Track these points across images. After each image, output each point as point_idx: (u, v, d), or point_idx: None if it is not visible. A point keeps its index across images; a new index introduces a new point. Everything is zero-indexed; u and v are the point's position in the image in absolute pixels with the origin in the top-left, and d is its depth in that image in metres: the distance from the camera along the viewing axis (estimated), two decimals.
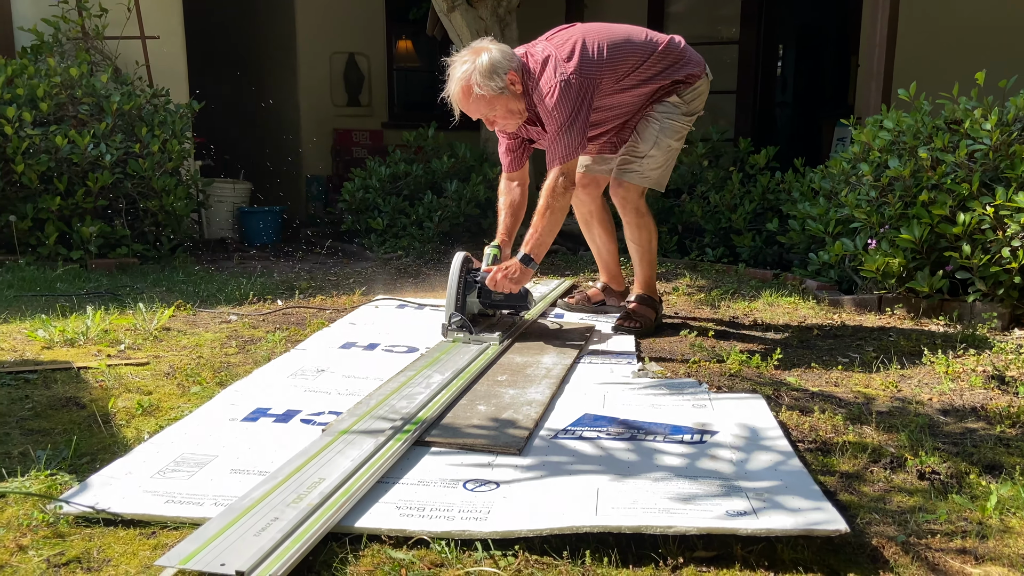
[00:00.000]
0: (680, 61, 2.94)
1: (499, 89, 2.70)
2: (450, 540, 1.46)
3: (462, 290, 2.83)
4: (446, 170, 5.27)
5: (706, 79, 3.02)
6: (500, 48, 2.77)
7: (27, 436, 1.95)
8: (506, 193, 3.10)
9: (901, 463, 1.82)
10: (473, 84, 2.69)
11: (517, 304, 2.94)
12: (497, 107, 2.75)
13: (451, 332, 2.79)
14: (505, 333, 2.81)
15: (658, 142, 2.97)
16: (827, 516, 1.44)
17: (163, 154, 4.66)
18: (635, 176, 3.04)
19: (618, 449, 1.85)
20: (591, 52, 2.77)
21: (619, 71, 2.82)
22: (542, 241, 2.81)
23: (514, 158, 3.08)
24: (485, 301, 2.92)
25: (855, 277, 3.94)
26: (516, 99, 2.77)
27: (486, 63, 2.69)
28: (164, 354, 2.69)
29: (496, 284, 2.79)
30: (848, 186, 4.11)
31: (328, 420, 2.03)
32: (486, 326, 2.89)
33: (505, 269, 2.78)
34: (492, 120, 2.82)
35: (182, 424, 1.99)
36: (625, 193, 3.05)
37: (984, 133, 3.45)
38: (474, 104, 2.74)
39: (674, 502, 1.53)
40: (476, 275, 2.89)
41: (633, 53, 2.85)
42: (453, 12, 5.53)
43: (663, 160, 3.03)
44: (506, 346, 2.74)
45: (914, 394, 2.38)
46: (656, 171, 3.05)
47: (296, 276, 4.34)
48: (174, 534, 1.50)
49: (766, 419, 2.04)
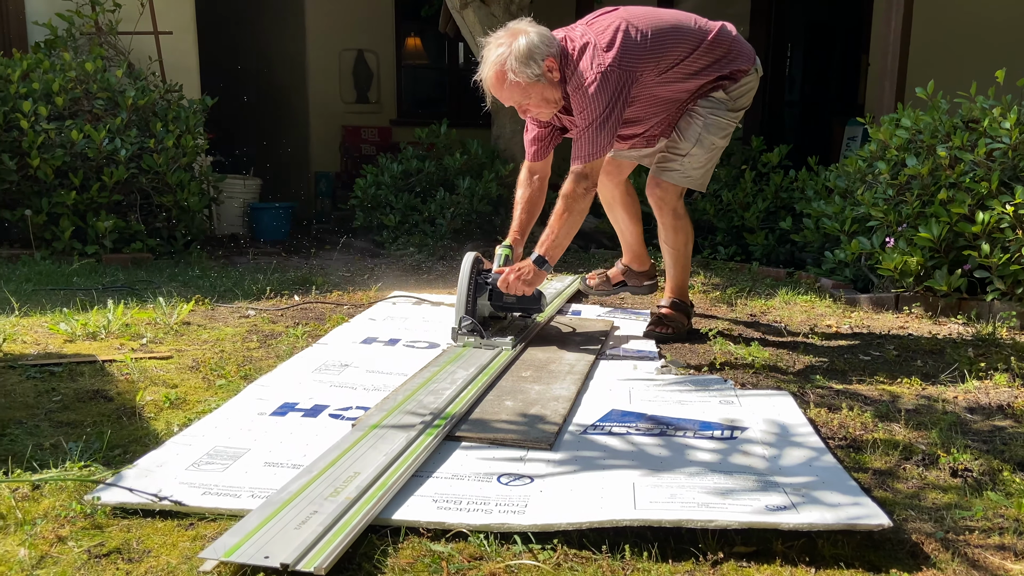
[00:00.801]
0: (730, 54, 2.72)
1: (535, 76, 2.51)
2: (488, 533, 1.46)
3: (472, 292, 2.70)
4: (458, 167, 5.27)
5: (755, 73, 2.80)
6: (539, 31, 2.57)
7: (57, 428, 1.95)
8: (524, 185, 2.93)
9: (934, 460, 1.82)
10: (508, 70, 2.51)
11: (530, 307, 2.78)
12: (532, 95, 2.57)
13: (461, 336, 2.67)
14: (517, 337, 2.70)
15: (701, 140, 2.77)
16: (867, 511, 1.44)
17: (177, 149, 4.66)
18: (676, 176, 2.84)
19: (649, 444, 1.85)
20: (634, 40, 2.56)
21: (663, 63, 2.61)
22: (558, 243, 2.69)
23: (539, 148, 2.89)
24: (496, 304, 2.76)
25: (871, 276, 3.94)
26: (553, 87, 2.57)
27: (523, 47, 2.50)
28: (186, 348, 2.69)
29: (508, 286, 2.66)
30: (864, 184, 4.10)
31: (356, 415, 2.03)
32: (497, 329, 2.78)
33: (518, 271, 2.65)
34: (525, 108, 2.65)
35: (212, 418, 2.00)
36: (663, 194, 2.86)
37: (1003, 132, 3.45)
38: (508, 91, 2.57)
39: (712, 496, 1.53)
40: (487, 276, 2.75)
41: (680, 43, 2.63)
42: (466, 9, 5.53)
43: (706, 159, 2.83)
44: (519, 351, 2.63)
45: (939, 392, 2.38)
46: (699, 171, 2.85)
47: (310, 272, 4.34)
48: (212, 525, 1.50)
49: (795, 416, 2.04)
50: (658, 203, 2.90)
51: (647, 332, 2.97)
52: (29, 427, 1.95)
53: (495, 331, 2.74)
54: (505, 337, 2.66)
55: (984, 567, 1.37)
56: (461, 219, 5.11)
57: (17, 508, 1.53)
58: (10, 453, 1.79)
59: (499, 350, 2.58)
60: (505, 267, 2.72)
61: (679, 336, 2.96)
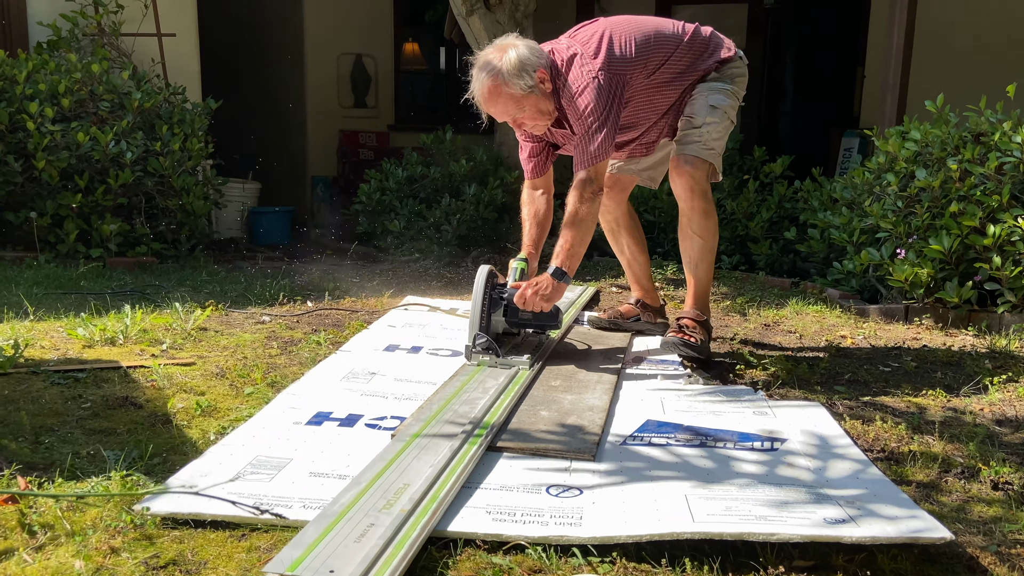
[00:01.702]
0: (708, 48, 2.73)
1: (528, 88, 2.49)
2: (547, 545, 1.45)
3: (487, 308, 2.58)
4: (464, 173, 5.26)
5: (740, 60, 2.79)
6: (527, 44, 2.55)
7: (90, 436, 1.93)
8: (530, 203, 2.86)
9: (974, 473, 1.84)
10: (501, 83, 2.49)
11: (547, 323, 2.65)
12: (526, 107, 2.54)
13: (475, 355, 2.54)
14: (533, 354, 2.57)
15: (710, 109, 2.69)
16: (926, 524, 1.44)
17: (183, 152, 4.62)
18: (699, 148, 2.68)
19: (692, 456, 1.85)
20: (619, 47, 2.57)
21: (650, 66, 2.62)
22: (574, 252, 2.58)
23: (537, 164, 2.84)
24: (512, 320, 2.63)
25: (879, 286, 3.97)
26: (546, 99, 2.56)
27: (514, 60, 2.49)
28: (207, 354, 2.67)
29: (526, 302, 2.54)
30: (872, 196, 4.13)
31: (392, 425, 2.02)
32: (511, 347, 2.65)
33: (535, 285, 2.54)
34: (520, 122, 2.62)
35: (248, 427, 1.98)
36: (693, 171, 2.66)
37: (1015, 146, 3.49)
38: (502, 104, 2.54)
39: (768, 509, 1.53)
40: (502, 291, 2.63)
41: (662, 45, 2.65)
42: (471, 16, 5.54)
43: (723, 129, 2.72)
44: (538, 370, 2.51)
45: (964, 404, 2.40)
46: (718, 142, 2.72)
47: (320, 277, 4.32)
48: (264, 536, 1.49)
49: (832, 427, 2.05)
50: (689, 183, 2.68)
51: (665, 341, 2.74)
52: (62, 435, 1.92)
53: (509, 348, 2.62)
54: (521, 355, 2.53)
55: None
56: (467, 226, 5.10)
57: (64, 519, 1.51)
58: (47, 462, 1.76)
59: (516, 369, 2.46)
60: (521, 281, 2.63)
61: (701, 349, 2.70)
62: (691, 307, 2.81)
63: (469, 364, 2.52)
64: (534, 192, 2.86)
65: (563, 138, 2.73)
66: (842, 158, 7.25)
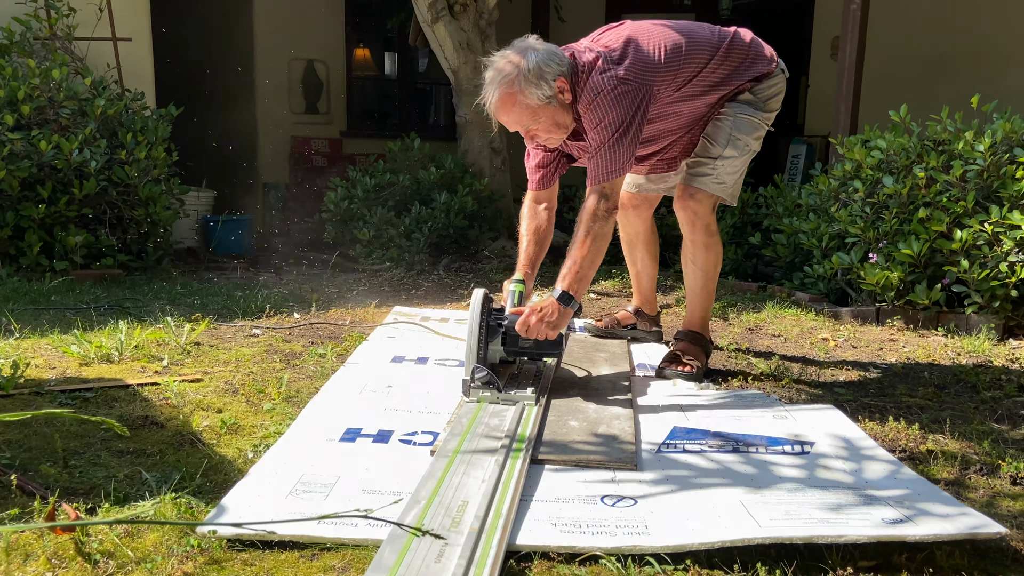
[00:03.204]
0: (746, 61, 2.53)
1: (546, 99, 2.32)
2: (619, 556, 1.48)
3: (484, 338, 2.34)
4: (433, 181, 5.25)
5: (781, 75, 2.62)
6: (548, 48, 2.36)
7: (119, 457, 1.87)
8: (531, 216, 2.67)
9: (993, 470, 1.93)
10: (517, 91, 2.30)
11: (550, 351, 2.42)
12: (542, 119, 2.37)
13: (474, 390, 2.27)
14: (537, 387, 2.32)
15: (733, 140, 2.55)
16: (979, 520, 1.52)
17: (149, 161, 4.49)
18: (709, 182, 2.59)
19: (731, 462, 1.90)
20: (648, 53, 2.38)
21: (680, 77, 2.43)
22: (583, 275, 2.36)
23: (545, 175, 2.66)
24: (511, 349, 2.40)
25: (848, 290, 4.13)
26: (564, 110, 2.38)
27: (533, 66, 2.29)
28: (212, 370, 2.60)
29: (529, 330, 2.30)
30: (838, 202, 4.29)
31: (425, 440, 2.01)
32: (508, 377, 2.42)
33: (540, 312, 2.30)
34: (533, 133, 2.43)
35: (283, 445, 1.94)
36: (696, 206, 2.60)
37: (978, 155, 3.67)
38: (516, 114, 2.36)
39: (825, 512, 1.58)
40: (500, 318, 2.40)
41: (696, 55, 2.45)
42: (436, 23, 5.54)
43: (740, 164, 2.60)
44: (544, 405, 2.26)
45: (959, 403, 2.52)
46: (732, 176, 2.61)
47: (296, 288, 4.25)
48: (335, 555, 1.47)
49: (853, 429, 2.13)
50: (691, 217, 2.63)
51: (660, 370, 2.68)
52: (90, 457, 1.86)
53: (507, 379, 2.39)
54: (525, 389, 2.28)
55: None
56: (438, 234, 5.09)
57: (123, 545, 1.46)
58: (84, 486, 1.71)
59: (520, 405, 2.22)
60: (520, 306, 2.42)
61: (695, 377, 2.62)
62: (687, 328, 2.79)
63: (468, 400, 2.27)
64: (536, 206, 2.68)
65: (579, 151, 2.57)
66: (790, 165, 7.49)
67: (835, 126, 5.42)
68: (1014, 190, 3.53)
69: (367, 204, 5.24)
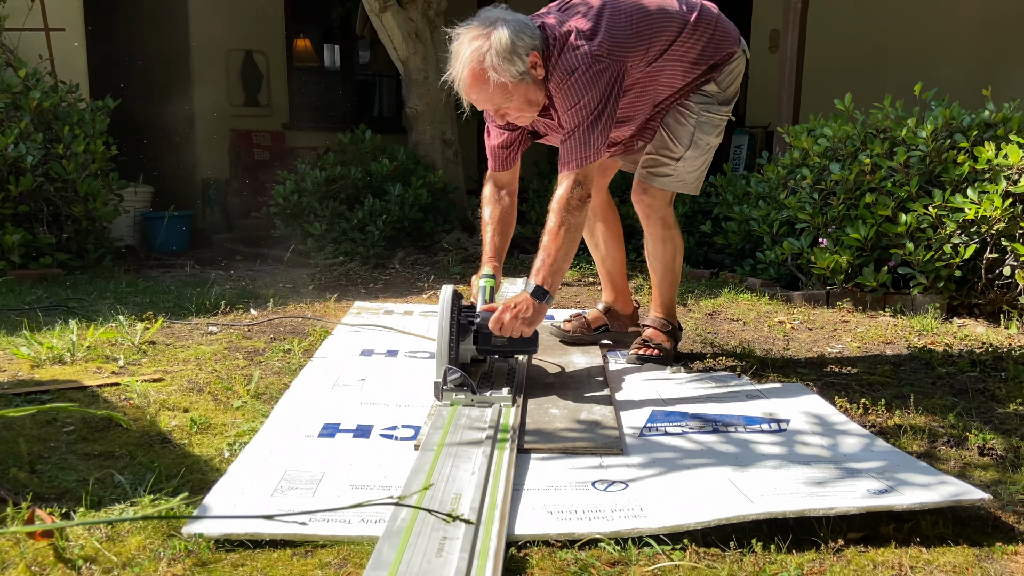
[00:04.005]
0: (715, 36, 2.43)
1: (519, 75, 2.15)
2: (619, 539, 1.48)
3: (456, 337, 2.22)
4: (386, 173, 5.18)
5: (742, 55, 2.52)
6: (518, 20, 2.19)
7: (88, 460, 1.79)
8: (492, 202, 2.53)
9: (961, 442, 2.00)
10: (488, 67, 2.13)
11: (524, 348, 2.30)
12: (515, 97, 2.20)
13: (447, 393, 2.15)
14: (512, 386, 2.23)
15: (696, 141, 2.49)
16: (960, 488, 1.57)
17: (87, 155, 4.32)
18: (669, 181, 2.54)
19: (712, 442, 1.92)
20: (620, 25, 2.25)
21: (652, 51, 2.31)
22: (557, 268, 2.23)
23: (507, 156, 2.51)
24: (484, 348, 2.29)
25: (798, 274, 4.22)
26: (537, 87, 2.22)
27: (505, 41, 2.13)
28: (173, 369, 2.52)
29: (503, 328, 2.19)
30: (787, 190, 4.39)
31: (406, 434, 1.98)
32: (480, 376, 2.33)
33: (514, 308, 2.19)
34: (504, 112, 2.26)
35: (260, 442, 1.89)
36: (651, 201, 2.55)
37: (920, 141, 3.80)
38: (487, 92, 2.18)
39: (812, 487, 1.61)
40: (471, 315, 2.30)
41: (666, 26, 2.33)
42: (384, 13, 5.47)
43: (701, 162, 2.55)
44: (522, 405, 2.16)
45: (918, 379, 2.60)
46: (693, 174, 2.57)
47: (249, 284, 4.15)
48: (330, 552, 1.44)
49: (823, 406, 2.18)
50: (646, 211, 2.59)
51: (630, 356, 2.67)
52: (56, 461, 1.77)
53: (479, 379, 2.29)
54: (500, 389, 2.18)
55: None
56: (392, 226, 5.02)
57: (105, 550, 1.40)
58: (55, 490, 1.63)
59: (496, 407, 2.11)
60: (492, 303, 2.32)
61: (666, 360, 2.64)
62: (654, 315, 2.74)
63: (440, 404, 2.15)
64: (497, 190, 2.53)
65: (547, 127, 2.43)
66: (733, 155, 7.64)
67: (778, 116, 5.53)
68: (955, 174, 3.66)
69: (318, 198, 5.14)
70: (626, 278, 2.95)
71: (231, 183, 7.46)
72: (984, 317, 3.57)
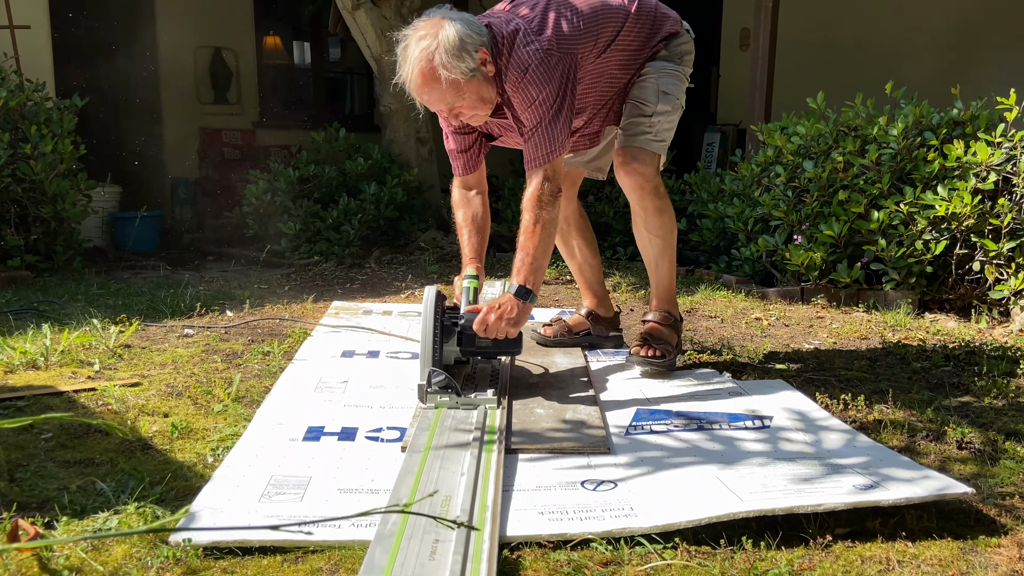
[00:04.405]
0: (656, 22, 2.48)
1: (470, 71, 2.13)
2: (610, 539, 1.48)
3: (439, 339, 2.20)
4: (361, 172, 5.14)
5: (688, 35, 2.55)
6: (464, 17, 2.18)
7: (68, 468, 1.76)
8: (464, 205, 2.52)
9: (940, 436, 2.04)
10: (438, 65, 2.09)
11: (509, 349, 2.28)
12: (467, 94, 2.17)
13: (431, 396, 2.12)
14: (496, 388, 2.20)
15: (662, 96, 2.45)
16: (944, 482, 1.60)
17: (55, 155, 4.23)
18: (649, 140, 2.45)
19: (698, 440, 1.94)
20: (567, 19, 2.26)
21: (600, 42, 2.33)
22: (538, 266, 2.24)
23: (469, 159, 2.50)
24: (468, 349, 2.27)
25: (773, 271, 4.27)
26: (488, 84, 2.20)
27: (453, 38, 2.10)
28: (150, 373, 2.48)
29: (488, 329, 2.17)
30: (761, 187, 4.43)
31: (392, 436, 1.97)
32: (464, 377, 2.31)
33: (498, 309, 2.17)
34: (459, 111, 2.23)
35: (244, 446, 1.87)
36: (641, 168, 2.43)
37: (891, 139, 3.85)
38: (439, 91, 2.15)
39: (799, 483, 1.63)
40: (454, 316, 2.27)
41: (611, 18, 2.36)
42: (358, 10, 5.43)
43: (674, 119, 2.51)
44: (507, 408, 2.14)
45: (894, 374, 2.64)
46: (669, 132, 2.51)
47: (224, 285, 4.10)
48: (322, 557, 1.43)
49: (804, 402, 2.20)
50: (639, 181, 2.45)
51: (631, 356, 2.54)
52: (35, 469, 1.74)
53: (463, 381, 2.27)
54: (485, 391, 2.16)
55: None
56: (368, 226, 4.99)
57: (91, 560, 1.37)
58: (36, 499, 1.60)
59: (482, 409, 2.09)
60: (476, 304, 2.29)
61: (667, 364, 2.51)
62: (657, 308, 2.64)
63: (424, 406, 2.12)
64: (467, 192, 2.53)
65: (501, 128, 2.42)
66: (705, 153, 7.70)
67: (750, 114, 5.59)
68: (926, 171, 3.72)
69: (291, 197, 5.09)
70: (604, 283, 2.93)
71: (200, 182, 7.37)
72: (955, 312, 3.63)
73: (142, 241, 5.97)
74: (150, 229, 6.10)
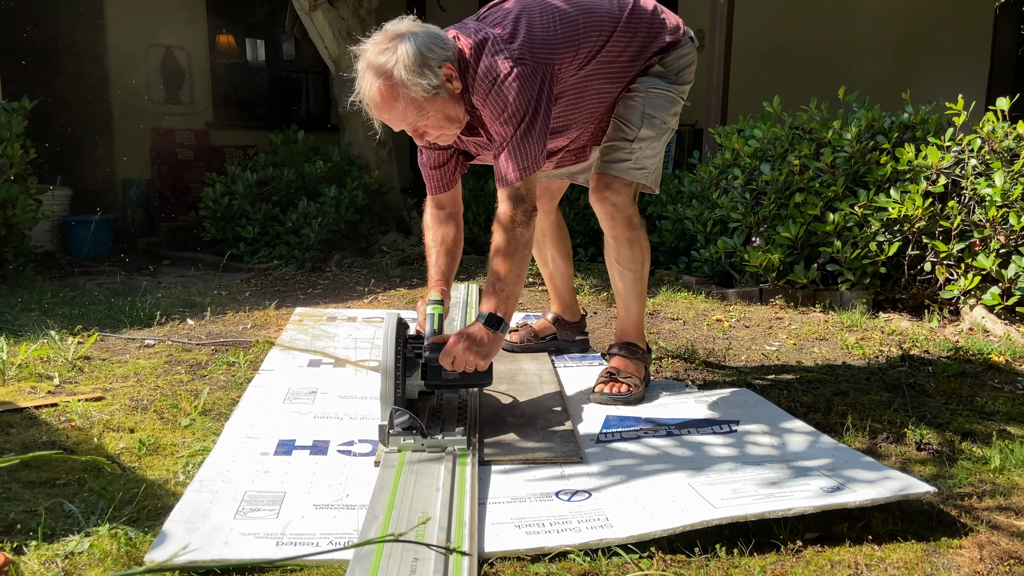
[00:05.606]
0: (652, 31, 2.28)
1: (433, 89, 1.95)
2: (587, 550, 1.50)
3: (403, 373, 2.00)
4: (321, 174, 5.10)
5: (690, 43, 2.34)
6: (428, 31, 1.99)
7: (33, 489, 1.72)
8: (435, 225, 2.34)
9: (899, 437, 2.10)
10: (398, 83, 1.92)
11: (478, 382, 2.06)
12: (430, 113, 2.01)
13: (394, 438, 1.90)
14: (465, 425, 2.01)
15: (648, 120, 2.27)
16: (906, 481, 1.65)
17: (5, 160, 4.12)
18: (627, 168, 2.30)
19: (667, 446, 1.97)
20: (542, 27, 2.10)
21: (581, 53, 2.15)
22: (510, 293, 2.05)
23: (442, 176, 2.32)
24: (434, 383, 2.04)
25: (732, 272, 4.35)
26: (454, 101, 2.03)
27: (412, 54, 1.92)
28: (112, 386, 2.43)
29: (455, 362, 1.97)
30: (719, 189, 4.50)
31: (364, 450, 1.96)
32: (429, 412, 2.12)
33: (466, 339, 1.98)
34: (423, 130, 2.05)
35: (214, 462, 1.85)
36: (615, 197, 2.31)
37: (845, 142, 3.95)
38: (399, 111, 1.98)
39: (768, 488, 1.67)
40: (418, 347, 2.07)
41: (596, 27, 2.18)
42: (315, 11, 5.38)
43: (659, 145, 2.34)
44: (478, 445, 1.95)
45: (852, 374, 2.71)
46: (652, 160, 2.34)
47: (183, 292, 4.03)
48: None
49: (768, 406, 2.26)
50: (610, 211, 2.34)
51: (595, 395, 2.36)
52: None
53: (428, 418, 2.06)
54: (453, 430, 1.97)
55: (1001, 527, 1.63)
56: (328, 229, 4.95)
57: None
58: (1, 523, 1.56)
59: (450, 452, 1.89)
60: (442, 333, 2.10)
61: (633, 399, 2.33)
62: (622, 340, 2.49)
63: (387, 450, 1.90)
64: (439, 212, 2.34)
65: (477, 147, 2.28)
66: None
67: (708, 116, 5.66)
68: (879, 175, 3.82)
69: (249, 200, 5.02)
70: (574, 291, 2.89)
71: (153, 183, 7.23)
72: (907, 311, 3.74)
73: (93, 246, 5.83)
74: (102, 233, 5.96)
